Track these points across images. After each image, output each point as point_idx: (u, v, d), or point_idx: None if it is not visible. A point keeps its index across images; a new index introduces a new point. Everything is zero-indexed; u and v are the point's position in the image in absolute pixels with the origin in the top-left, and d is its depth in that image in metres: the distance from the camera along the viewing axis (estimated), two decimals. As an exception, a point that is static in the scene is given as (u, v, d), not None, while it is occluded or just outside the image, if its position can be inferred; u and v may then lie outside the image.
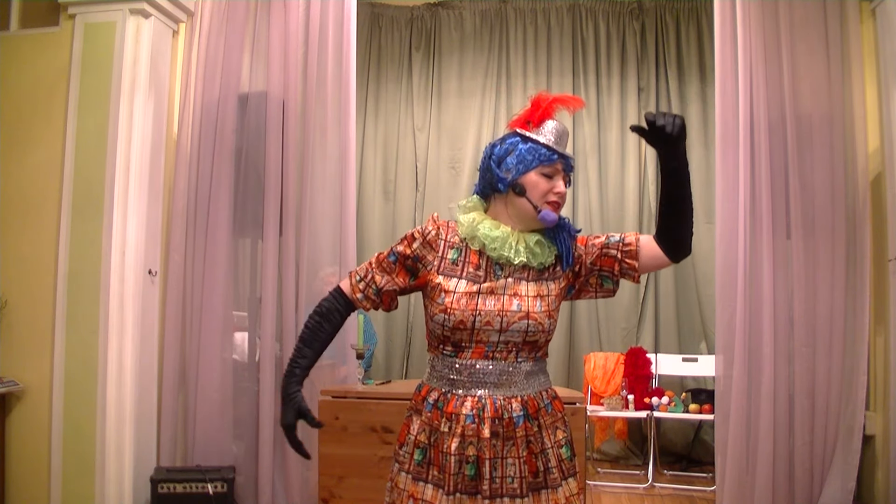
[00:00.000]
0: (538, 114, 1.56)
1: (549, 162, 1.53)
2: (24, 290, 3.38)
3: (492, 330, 1.49)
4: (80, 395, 3.25)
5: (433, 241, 1.56)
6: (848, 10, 3.42)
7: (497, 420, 1.49)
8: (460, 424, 1.48)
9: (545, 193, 1.52)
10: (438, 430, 1.51)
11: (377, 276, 1.58)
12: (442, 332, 1.51)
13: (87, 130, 3.37)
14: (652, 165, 5.20)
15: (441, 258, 1.55)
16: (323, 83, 3.62)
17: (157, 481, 3.19)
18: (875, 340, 3.41)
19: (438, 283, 1.52)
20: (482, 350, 1.50)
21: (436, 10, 5.56)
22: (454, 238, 1.57)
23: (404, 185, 5.48)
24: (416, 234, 1.58)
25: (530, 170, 1.52)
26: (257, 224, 3.52)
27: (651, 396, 4.54)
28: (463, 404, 1.50)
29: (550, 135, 1.54)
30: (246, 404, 3.53)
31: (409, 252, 1.57)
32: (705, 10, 5.08)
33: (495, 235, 1.53)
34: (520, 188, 1.52)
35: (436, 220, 1.61)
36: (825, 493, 3.25)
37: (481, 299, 1.49)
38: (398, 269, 1.58)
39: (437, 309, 1.51)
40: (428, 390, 1.56)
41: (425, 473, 1.51)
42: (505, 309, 1.49)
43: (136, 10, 3.40)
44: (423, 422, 1.54)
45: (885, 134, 3.33)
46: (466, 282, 1.52)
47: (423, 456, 1.52)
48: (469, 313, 1.48)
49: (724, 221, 3.47)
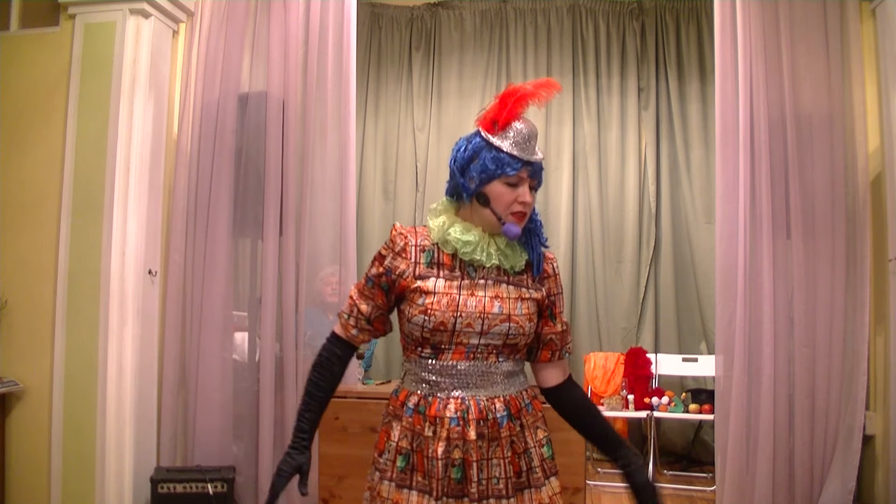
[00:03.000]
0: (504, 114, 1.48)
1: (512, 171, 1.46)
2: (24, 290, 3.38)
3: (472, 332, 1.47)
4: (80, 395, 3.25)
5: (402, 251, 1.52)
6: (848, 10, 3.42)
7: (482, 421, 1.48)
8: (445, 427, 1.46)
9: (509, 204, 1.48)
10: (422, 435, 1.48)
11: (362, 305, 1.55)
12: (421, 333, 1.48)
13: (87, 130, 3.37)
14: (652, 165, 5.20)
15: (414, 263, 1.51)
16: (323, 83, 3.62)
17: (157, 481, 3.19)
18: (875, 340, 3.41)
19: (417, 286, 1.48)
20: (462, 351, 1.49)
21: (436, 10, 5.56)
22: (424, 242, 1.53)
23: (404, 185, 5.48)
24: (382, 251, 1.55)
25: (493, 179, 1.47)
26: (257, 224, 3.52)
27: (651, 396, 4.54)
28: (446, 407, 1.47)
29: (515, 140, 1.47)
30: (246, 404, 3.53)
31: (381, 270, 1.53)
32: (705, 10, 5.08)
33: (466, 240, 1.50)
34: (483, 199, 1.49)
35: (399, 229, 1.55)
36: (825, 493, 3.25)
37: (462, 300, 1.47)
38: (376, 292, 1.54)
39: (416, 311, 1.48)
40: (407, 395, 1.53)
41: (409, 480, 1.48)
42: (486, 311, 1.47)
43: (136, 10, 3.40)
44: (404, 427, 1.50)
45: (885, 134, 3.33)
46: (445, 281, 1.49)
47: (406, 462, 1.49)
48: (450, 314, 1.46)
49: (724, 221, 3.47)
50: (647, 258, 5.14)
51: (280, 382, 3.45)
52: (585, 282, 5.20)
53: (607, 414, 4.58)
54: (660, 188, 5.20)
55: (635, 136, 5.25)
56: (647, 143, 5.25)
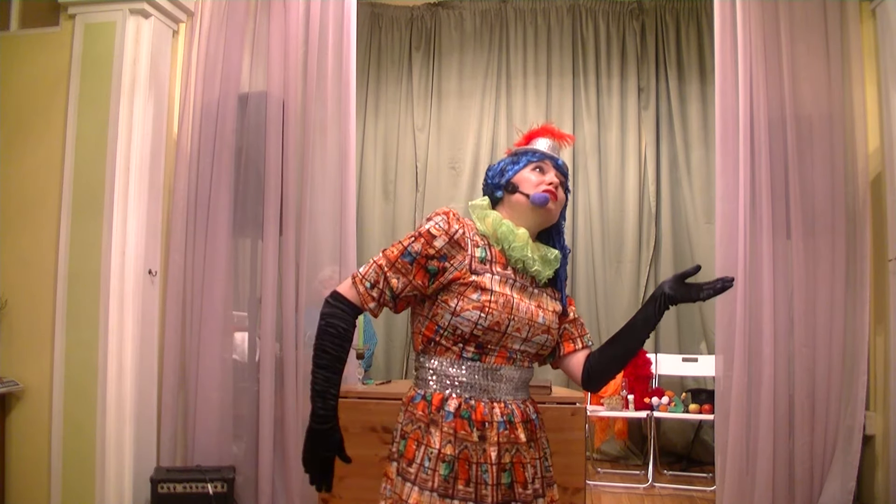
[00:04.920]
0: (528, 134, 1.66)
1: (536, 158, 1.58)
2: (24, 290, 3.38)
3: (518, 337, 1.48)
4: (80, 395, 3.25)
5: (460, 239, 1.46)
6: (848, 10, 3.42)
7: (527, 423, 1.50)
8: (495, 431, 1.44)
9: (537, 185, 1.54)
10: (467, 441, 1.42)
11: (392, 279, 1.44)
12: (472, 330, 1.42)
13: (87, 130, 3.37)
14: (652, 165, 5.20)
15: (470, 256, 1.46)
16: (323, 83, 3.62)
17: (157, 481, 3.19)
18: (875, 340, 3.40)
19: (473, 280, 1.43)
20: (505, 355, 1.48)
21: (436, 10, 5.56)
22: (475, 236, 1.50)
23: (404, 185, 5.49)
24: (433, 230, 1.45)
25: (521, 169, 1.57)
26: (257, 224, 3.52)
27: (651, 396, 4.55)
28: (492, 410, 1.45)
29: (540, 144, 1.62)
30: (246, 404, 3.53)
31: (433, 252, 1.44)
32: (705, 10, 5.08)
33: (519, 233, 1.51)
34: (512, 186, 1.56)
35: (456, 214, 1.49)
36: (825, 493, 3.25)
37: (515, 303, 1.46)
38: (416, 270, 1.44)
39: (470, 305, 1.42)
40: (442, 398, 1.45)
41: (451, 489, 1.40)
42: (533, 319, 1.49)
43: (136, 10, 3.39)
44: (445, 433, 1.42)
45: (885, 134, 3.33)
46: (500, 281, 1.47)
47: (449, 470, 1.40)
48: (505, 316, 1.44)
49: (724, 221, 3.47)
50: (647, 258, 5.14)
51: (280, 382, 3.44)
52: (585, 282, 5.20)
53: (607, 414, 4.59)
54: (660, 188, 5.20)
55: (635, 137, 5.26)
56: (647, 144, 5.25)
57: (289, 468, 3.43)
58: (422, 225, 1.48)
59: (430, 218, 1.48)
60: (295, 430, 3.39)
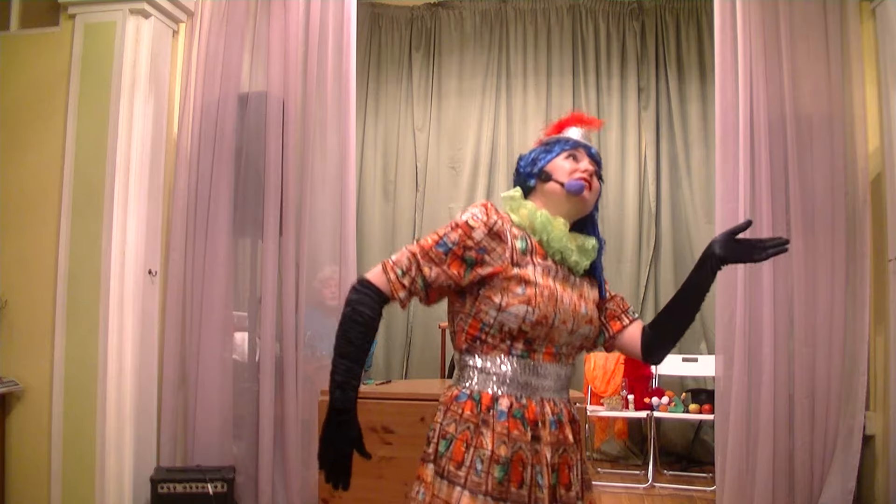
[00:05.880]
0: (558, 123, 1.64)
1: (568, 146, 1.54)
2: (24, 290, 3.38)
3: (564, 330, 1.43)
4: (80, 395, 3.25)
5: (500, 231, 1.41)
6: (848, 10, 3.42)
7: (573, 424, 1.47)
8: (547, 431, 1.41)
9: (571, 173, 1.50)
10: (520, 441, 1.37)
11: (425, 267, 1.38)
12: (520, 326, 1.38)
13: (87, 130, 3.37)
14: (652, 165, 5.20)
15: (511, 248, 1.41)
16: (323, 83, 3.62)
17: (157, 481, 3.19)
18: (875, 340, 3.40)
19: (516, 273, 1.39)
20: (552, 351, 1.44)
21: (436, 10, 5.56)
22: (513, 228, 1.45)
23: (404, 185, 5.49)
24: (470, 222, 1.40)
25: (554, 157, 1.53)
26: (257, 224, 3.52)
27: (651, 396, 4.55)
28: (543, 410, 1.42)
29: (572, 133, 1.60)
30: (246, 404, 3.53)
31: (472, 243, 1.38)
32: (705, 10, 5.08)
33: (557, 223, 1.47)
34: (546, 175, 1.51)
35: (494, 206, 1.45)
36: (825, 493, 3.25)
37: (559, 294, 1.42)
38: (452, 261, 1.39)
39: (515, 300, 1.37)
40: (492, 398, 1.40)
41: (506, 492, 1.34)
42: (577, 310, 1.45)
43: (136, 10, 3.39)
44: (498, 433, 1.36)
45: (885, 134, 3.33)
46: (543, 272, 1.42)
47: (504, 472, 1.35)
48: (551, 308, 1.39)
49: (724, 221, 3.47)
50: (647, 258, 5.14)
51: (280, 382, 3.44)
52: (585, 282, 5.19)
53: (607, 414, 4.59)
54: (660, 188, 5.20)
55: (635, 136, 5.26)
56: (647, 143, 5.25)
57: (289, 468, 3.43)
58: (459, 216, 1.43)
59: (468, 210, 1.44)
60: (295, 430, 3.39)
